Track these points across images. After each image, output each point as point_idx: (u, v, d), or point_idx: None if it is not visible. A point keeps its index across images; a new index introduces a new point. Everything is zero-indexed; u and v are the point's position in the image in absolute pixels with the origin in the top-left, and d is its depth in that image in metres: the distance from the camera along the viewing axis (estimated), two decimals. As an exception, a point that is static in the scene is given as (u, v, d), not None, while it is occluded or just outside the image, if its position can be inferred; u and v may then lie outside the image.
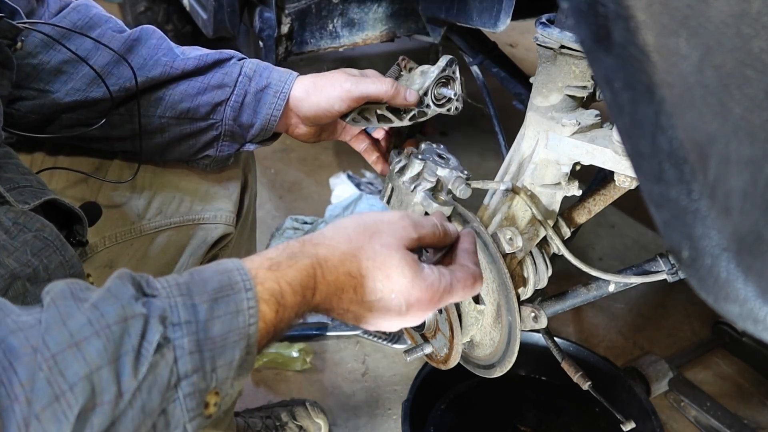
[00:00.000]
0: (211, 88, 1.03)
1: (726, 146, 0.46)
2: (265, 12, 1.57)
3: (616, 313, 2.03)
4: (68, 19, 1.01)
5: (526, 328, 0.97)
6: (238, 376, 0.61)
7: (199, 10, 1.98)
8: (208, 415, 0.59)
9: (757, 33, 0.45)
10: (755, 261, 0.48)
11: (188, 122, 1.04)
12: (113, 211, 1.09)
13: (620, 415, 1.11)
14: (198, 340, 0.58)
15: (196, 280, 0.61)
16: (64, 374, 0.51)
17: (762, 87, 0.46)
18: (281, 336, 0.67)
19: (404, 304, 0.69)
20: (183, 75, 1.03)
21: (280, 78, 1.04)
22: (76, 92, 0.99)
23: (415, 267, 0.70)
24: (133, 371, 0.54)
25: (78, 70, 0.99)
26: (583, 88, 0.97)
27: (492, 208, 1.02)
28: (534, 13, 1.16)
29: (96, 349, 0.53)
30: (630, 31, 0.44)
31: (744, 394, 1.78)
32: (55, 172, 1.06)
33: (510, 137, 1.12)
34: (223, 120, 1.03)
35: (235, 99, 1.03)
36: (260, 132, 1.04)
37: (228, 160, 1.13)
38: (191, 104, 1.02)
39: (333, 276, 0.68)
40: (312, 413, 1.59)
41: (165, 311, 0.57)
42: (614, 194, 1.01)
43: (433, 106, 1.02)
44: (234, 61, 1.05)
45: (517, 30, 3.38)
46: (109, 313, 0.55)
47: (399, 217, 0.73)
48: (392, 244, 0.70)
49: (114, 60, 1.00)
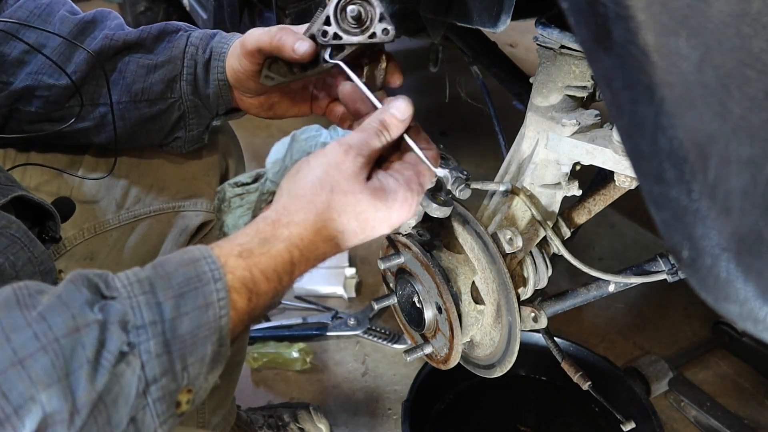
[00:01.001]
0: (160, 64, 0.98)
1: (726, 146, 0.46)
2: (265, 12, 1.57)
3: (616, 313, 2.02)
4: (25, 8, 1.00)
5: (526, 328, 0.97)
6: (212, 370, 0.60)
7: (199, 10, 1.98)
8: (180, 413, 0.57)
9: (757, 33, 0.45)
10: (755, 261, 0.48)
11: (146, 105, 0.99)
12: (90, 203, 1.07)
13: (620, 415, 1.10)
14: (165, 341, 0.55)
15: (159, 274, 0.58)
16: (7, 396, 0.48)
17: (762, 87, 0.46)
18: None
19: (388, 226, 0.72)
20: (126, 47, 0.99)
21: (221, 40, 0.98)
22: (27, 77, 0.97)
23: (383, 194, 0.70)
24: (90, 384, 0.51)
25: (38, 59, 0.98)
26: (583, 88, 0.96)
27: (492, 208, 1.02)
28: (534, 13, 1.16)
29: (42, 366, 0.49)
30: (630, 31, 0.44)
31: (744, 394, 1.78)
32: (28, 168, 1.04)
33: (510, 137, 1.12)
34: (182, 97, 0.99)
35: (188, 71, 0.98)
36: (218, 101, 0.99)
37: (202, 139, 1.07)
38: (144, 84, 0.98)
39: (313, 253, 0.67)
40: (315, 417, 1.59)
41: (126, 315, 0.54)
42: (614, 194, 1.01)
43: (347, 37, 0.82)
44: (181, 33, 1.01)
45: (517, 30, 3.38)
46: (57, 324, 0.51)
47: (343, 152, 0.70)
48: (354, 188, 0.69)
49: (68, 44, 0.97)
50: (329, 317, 1.94)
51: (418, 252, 0.93)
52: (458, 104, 2.35)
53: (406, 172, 0.74)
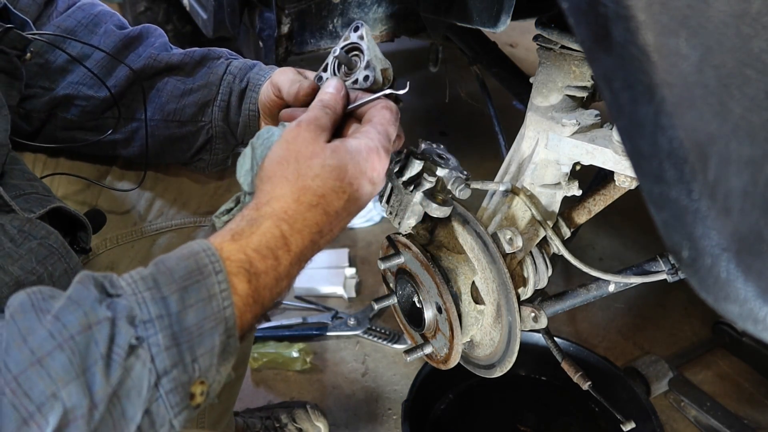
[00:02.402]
0: (196, 88, 1.01)
1: (726, 146, 0.46)
2: (265, 12, 1.57)
3: (616, 313, 2.02)
4: (73, 18, 1.02)
5: (526, 328, 0.97)
6: (223, 362, 0.60)
7: (199, 10, 1.98)
8: (196, 405, 0.58)
9: (757, 33, 0.45)
10: (755, 261, 0.48)
11: (176, 125, 1.02)
12: (115, 214, 1.09)
13: (620, 415, 1.10)
14: (173, 333, 0.56)
15: (161, 270, 0.59)
16: (29, 395, 0.49)
17: (762, 87, 0.46)
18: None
19: (367, 180, 0.72)
20: (168, 69, 1.01)
21: (258, 72, 1.01)
22: (69, 86, 0.99)
23: (345, 149, 0.71)
24: (105, 379, 0.52)
25: (80, 69, 1.00)
26: (583, 88, 0.96)
27: (492, 208, 1.02)
28: (534, 13, 1.16)
29: (61, 363, 0.51)
30: (630, 31, 0.44)
31: (744, 394, 1.78)
32: (56, 175, 1.06)
33: (510, 137, 1.12)
34: (212, 121, 1.01)
35: (222, 98, 1.00)
36: (245, 130, 1.01)
37: (225, 162, 1.11)
38: (177, 105, 1.01)
39: (302, 223, 0.68)
40: (312, 416, 1.59)
41: (132, 310, 0.55)
42: (614, 194, 1.01)
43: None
44: (222, 60, 1.03)
45: (517, 30, 3.38)
46: (71, 322, 0.52)
47: (296, 126, 0.72)
48: (315, 149, 0.70)
49: (110, 59, 1.00)
50: (329, 317, 1.94)
51: (418, 252, 0.93)
52: (458, 104, 2.35)
53: (363, 128, 0.76)
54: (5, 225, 0.76)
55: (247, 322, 0.63)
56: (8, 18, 0.88)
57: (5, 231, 0.75)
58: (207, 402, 0.60)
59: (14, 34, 0.85)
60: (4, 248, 0.74)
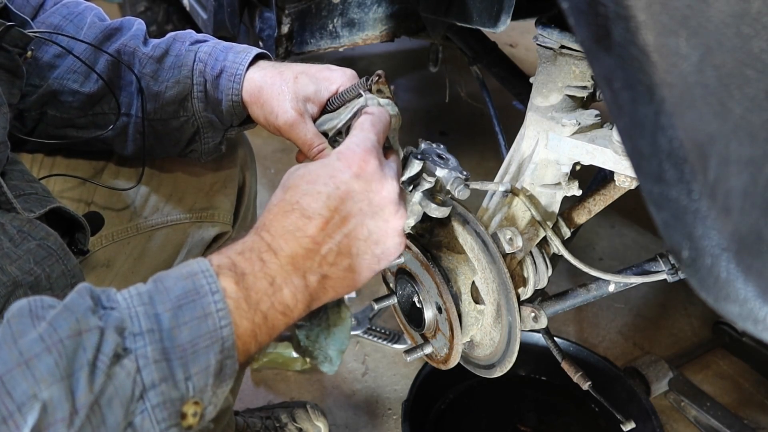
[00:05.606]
0: (171, 85, 0.99)
1: (726, 146, 0.46)
2: (265, 12, 1.57)
3: (616, 313, 2.02)
4: (58, 14, 1.02)
5: (526, 328, 0.97)
6: (220, 383, 0.59)
7: (199, 10, 1.98)
8: (188, 427, 0.57)
9: (757, 33, 0.45)
10: (755, 261, 0.48)
11: (160, 123, 1.01)
12: (111, 210, 1.09)
13: (620, 415, 1.10)
14: (163, 348, 0.56)
15: (159, 289, 0.59)
16: (11, 395, 0.49)
17: (762, 87, 0.46)
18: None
19: (351, 175, 0.69)
20: (139, 62, 1.00)
21: (234, 59, 0.97)
22: (55, 81, 0.99)
23: (328, 157, 0.71)
24: (89, 386, 0.51)
25: (65, 64, 1.00)
26: (583, 88, 0.96)
27: (492, 208, 1.02)
28: (534, 13, 1.16)
29: (47, 365, 0.50)
30: (630, 31, 0.44)
31: (744, 394, 1.78)
32: (53, 173, 1.06)
33: (510, 137, 1.12)
34: (195, 114, 1.00)
35: (198, 89, 0.99)
36: (231, 117, 0.99)
37: (219, 149, 1.07)
38: (155, 105, 1.00)
39: (278, 228, 0.66)
40: (312, 416, 1.59)
41: (123, 322, 0.56)
42: (614, 194, 1.01)
43: None
44: (187, 45, 1.01)
45: (517, 30, 3.38)
46: (62, 327, 0.53)
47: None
48: (296, 171, 0.70)
49: (93, 50, 0.99)
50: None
51: (418, 252, 0.93)
52: (458, 104, 2.35)
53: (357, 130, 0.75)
54: (5, 224, 0.76)
55: (245, 332, 0.61)
56: (8, 17, 0.88)
57: (5, 231, 0.75)
58: (200, 425, 0.58)
59: (16, 32, 0.85)
60: (3, 248, 0.74)
